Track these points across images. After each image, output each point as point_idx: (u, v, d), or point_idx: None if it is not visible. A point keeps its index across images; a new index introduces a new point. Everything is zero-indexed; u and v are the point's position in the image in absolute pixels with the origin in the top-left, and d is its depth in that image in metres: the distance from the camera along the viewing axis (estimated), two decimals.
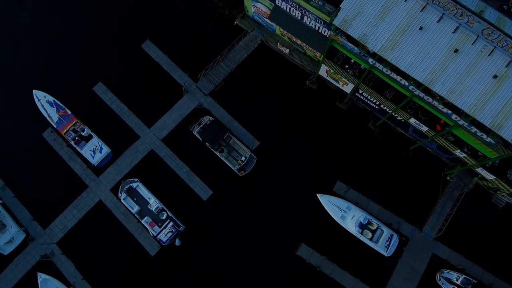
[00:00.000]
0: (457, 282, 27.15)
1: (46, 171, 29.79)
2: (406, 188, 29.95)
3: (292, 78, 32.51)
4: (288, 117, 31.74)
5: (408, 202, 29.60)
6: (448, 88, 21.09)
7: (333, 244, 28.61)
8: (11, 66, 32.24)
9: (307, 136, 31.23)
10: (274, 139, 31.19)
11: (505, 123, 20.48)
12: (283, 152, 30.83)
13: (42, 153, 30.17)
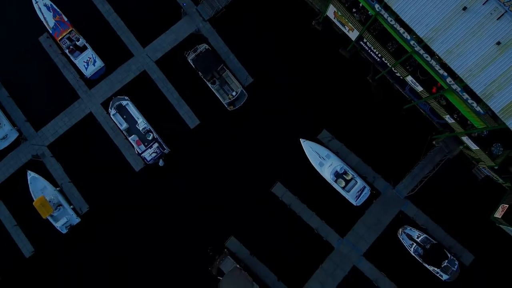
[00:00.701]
0: (417, 240, 28.69)
1: (40, 76, 30.44)
2: (391, 145, 30.21)
3: (299, 16, 31.02)
4: (288, 58, 30.98)
5: (388, 159, 30.06)
6: (447, 48, 20.17)
7: (307, 188, 29.84)
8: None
9: (302, 81, 30.67)
10: (269, 79, 30.82)
11: (496, 94, 19.90)
12: (275, 94, 30.70)
13: (37, 57, 30.51)
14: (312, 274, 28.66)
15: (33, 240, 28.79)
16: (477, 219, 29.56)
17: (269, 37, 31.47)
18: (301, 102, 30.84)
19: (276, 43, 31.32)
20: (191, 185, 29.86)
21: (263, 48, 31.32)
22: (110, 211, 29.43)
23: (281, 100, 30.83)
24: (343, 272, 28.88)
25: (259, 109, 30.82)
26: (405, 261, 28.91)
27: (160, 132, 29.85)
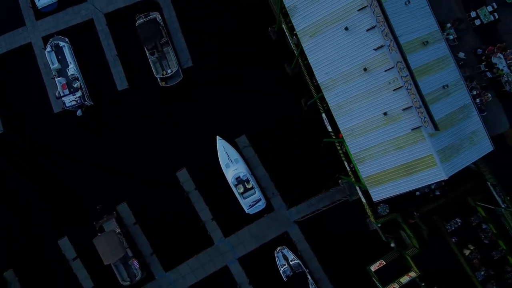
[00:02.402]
0: (290, 262, 29.95)
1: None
2: (300, 171, 30.68)
3: (260, 17, 30.24)
4: (233, 55, 30.70)
5: (293, 182, 30.64)
6: (338, 102, 20.30)
7: (209, 182, 30.73)
8: None
9: (240, 82, 30.65)
10: (208, 70, 30.72)
11: (367, 161, 20.35)
12: (209, 86, 30.86)
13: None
14: (187, 260, 30.36)
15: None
16: (354, 265, 30.65)
17: (225, 30, 31.13)
18: (232, 103, 31.14)
19: (229, 38, 31.07)
20: (102, 142, 31.10)
21: (215, 39, 31.13)
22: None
23: (213, 95, 31.14)
24: (214, 267, 30.53)
25: (191, 95, 31.18)
26: (272, 277, 30.41)
27: (88, 83, 30.41)
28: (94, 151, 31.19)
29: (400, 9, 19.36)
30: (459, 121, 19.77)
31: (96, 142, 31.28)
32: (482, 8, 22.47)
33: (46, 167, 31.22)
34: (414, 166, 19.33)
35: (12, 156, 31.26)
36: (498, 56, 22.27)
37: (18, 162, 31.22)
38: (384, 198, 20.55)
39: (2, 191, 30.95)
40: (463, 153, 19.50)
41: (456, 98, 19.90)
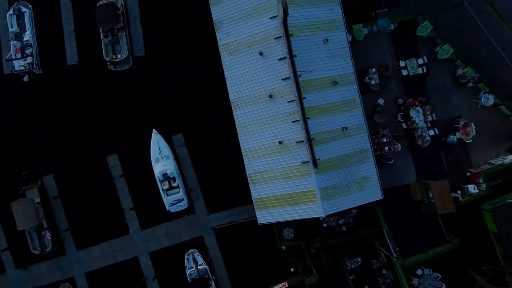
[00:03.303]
0: (198, 266, 30.70)
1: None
2: (228, 180, 30.89)
3: None
4: (189, 53, 31.34)
5: (218, 189, 31.24)
6: (243, 121, 21.07)
7: (137, 173, 31.34)
8: None
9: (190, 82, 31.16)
10: (160, 63, 31.38)
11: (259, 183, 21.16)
12: (157, 79, 31.44)
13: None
14: (100, 243, 31.15)
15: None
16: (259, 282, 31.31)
17: (185, 29, 31.79)
18: (177, 100, 31.59)
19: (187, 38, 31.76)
20: (42, 112, 31.79)
21: (173, 35, 31.80)
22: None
23: (160, 88, 31.67)
24: (124, 256, 31.24)
25: (138, 84, 31.90)
26: (178, 277, 31.16)
27: (41, 52, 31.27)
28: (33, 118, 32.18)
29: (317, 46, 20.12)
30: (352, 164, 20.47)
31: (37, 110, 32.23)
32: (412, 60, 22.99)
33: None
34: (297, 197, 20.08)
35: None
36: (417, 110, 22.87)
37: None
38: (269, 222, 21.38)
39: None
40: (348, 195, 20.20)
41: (354, 142, 20.62)
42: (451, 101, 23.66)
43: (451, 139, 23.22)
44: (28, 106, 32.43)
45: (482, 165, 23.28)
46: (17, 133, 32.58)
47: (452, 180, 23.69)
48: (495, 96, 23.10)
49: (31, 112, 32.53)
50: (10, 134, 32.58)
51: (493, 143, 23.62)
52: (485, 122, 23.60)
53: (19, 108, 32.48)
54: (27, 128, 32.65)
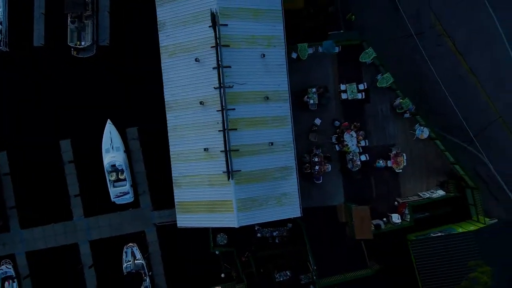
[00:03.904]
0: (135, 261, 31.08)
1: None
2: None
3: None
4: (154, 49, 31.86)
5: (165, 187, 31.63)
6: (174, 124, 21.58)
7: (89, 160, 31.79)
8: None
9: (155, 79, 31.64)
10: (125, 56, 31.84)
11: (183, 187, 21.50)
12: (121, 70, 31.84)
13: None
14: (43, 225, 31.59)
15: None
16: (195, 283, 31.61)
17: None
18: (138, 94, 31.99)
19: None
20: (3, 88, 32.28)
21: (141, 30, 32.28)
22: None
23: (121, 79, 32.08)
24: (65, 241, 31.52)
25: (100, 73, 32.29)
26: (113, 268, 31.51)
27: (10, 31, 31.72)
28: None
29: (254, 59, 20.42)
30: (275, 179, 20.75)
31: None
32: (352, 84, 23.33)
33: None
34: (216, 205, 20.38)
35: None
36: (351, 134, 23.27)
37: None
38: (188, 226, 21.80)
39: None
40: (265, 209, 20.47)
41: (279, 158, 20.88)
42: (388, 130, 24.03)
43: (380, 164, 23.64)
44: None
45: (411, 196, 23.73)
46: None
47: (380, 206, 24.24)
48: (430, 130, 23.66)
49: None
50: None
51: (426, 176, 24.02)
52: (419, 154, 23.98)
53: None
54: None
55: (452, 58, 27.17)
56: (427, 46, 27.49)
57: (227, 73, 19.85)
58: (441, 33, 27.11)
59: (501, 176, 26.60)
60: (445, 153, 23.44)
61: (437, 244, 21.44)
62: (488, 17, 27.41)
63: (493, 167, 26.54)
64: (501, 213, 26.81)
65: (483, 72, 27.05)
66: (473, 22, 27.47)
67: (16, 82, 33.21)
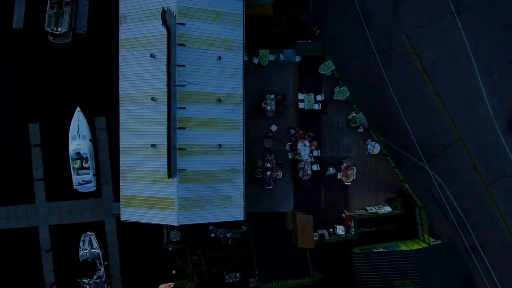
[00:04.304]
0: (91, 250, 30.92)
1: None
2: None
3: None
4: None
5: None
6: (126, 117, 21.53)
7: (54, 146, 31.65)
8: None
9: None
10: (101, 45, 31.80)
11: (129, 181, 21.49)
12: (95, 58, 31.74)
13: None
14: (7, 205, 31.46)
15: None
16: (151, 277, 31.48)
17: None
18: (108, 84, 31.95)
19: None
20: None
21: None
22: None
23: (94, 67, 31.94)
24: (26, 223, 31.40)
25: (74, 59, 32.30)
26: (71, 255, 31.45)
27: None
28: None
29: (209, 61, 20.28)
30: (220, 181, 20.68)
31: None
32: (310, 94, 23.31)
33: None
34: (158, 202, 20.28)
35: None
36: (304, 143, 23.33)
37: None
38: (131, 221, 21.72)
39: None
40: (207, 210, 20.37)
41: (227, 160, 20.77)
42: (342, 142, 24.02)
43: (330, 171, 23.71)
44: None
45: (358, 210, 23.73)
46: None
47: (328, 217, 24.22)
48: (383, 147, 23.62)
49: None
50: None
51: (375, 191, 24.02)
52: (371, 169, 24.00)
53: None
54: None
55: (418, 77, 27.32)
56: (395, 63, 27.55)
57: (180, 72, 19.81)
58: (409, 51, 27.21)
59: (455, 198, 26.70)
60: (396, 170, 23.43)
61: (378, 259, 21.41)
62: (461, 41, 27.51)
63: (448, 189, 26.67)
64: (452, 235, 26.91)
65: (448, 93, 27.09)
66: (443, 44, 27.54)
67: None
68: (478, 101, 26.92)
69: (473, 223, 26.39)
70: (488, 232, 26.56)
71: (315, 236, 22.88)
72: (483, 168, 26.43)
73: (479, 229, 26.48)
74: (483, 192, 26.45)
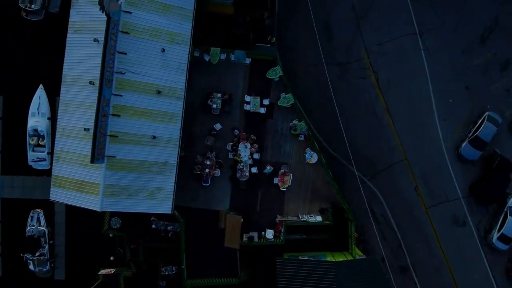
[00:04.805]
0: (38, 227, 30.40)
1: None
2: None
3: None
4: None
5: None
6: (65, 99, 21.24)
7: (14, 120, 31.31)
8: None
9: None
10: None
11: (61, 162, 21.20)
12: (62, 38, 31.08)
13: None
14: None
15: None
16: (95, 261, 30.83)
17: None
18: None
19: None
20: None
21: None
22: None
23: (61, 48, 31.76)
24: None
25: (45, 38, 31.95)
26: (19, 230, 31.06)
27: None
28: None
29: (153, 52, 19.94)
30: (150, 172, 20.33)
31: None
32: (256, 98, 22.91)
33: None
34: (85, 186, 19.86)
35: None
36: (245, 145, 22.97)
37: None
38: (58, 201, 21.45)
39: None
40: (133, 200, 20.03)
41: (161, 153, 20.42)
42: (284, 148, 23.63)
43: (267, 169, 23.42)
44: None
45: (291, 216, 23.38)
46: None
47: (262, 220, 23.83)
48: (321, 157, 23.31)
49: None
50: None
51: (309, 200, 23.66)
52: (308, 178, 23.67)
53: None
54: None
55: (372, 93, 26.98)
56: (351, 77, 27.18)
57: (121, 59, 19.44)
58: (367, 67, 26.88)
59: (393, 217, 26.37)
60: (332, 181, 23.07)
61: (299, 267, 21.00)
62: (420, 62, 27.17)
63: (388, 207, 26.33)
64: (388, 253, 26.63)
65: (399, 112, 26.77)
66: (402, 63, 27.19)
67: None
68: (429, 124, 26.66)
69: (409, 244, 26.13)
70: (423, 255, 26.31)
71: (245, 237, 22.54)
72: (425, 190, 26.17)
73: (414, 251, 26.24)
74: (423, 215, 26.18)
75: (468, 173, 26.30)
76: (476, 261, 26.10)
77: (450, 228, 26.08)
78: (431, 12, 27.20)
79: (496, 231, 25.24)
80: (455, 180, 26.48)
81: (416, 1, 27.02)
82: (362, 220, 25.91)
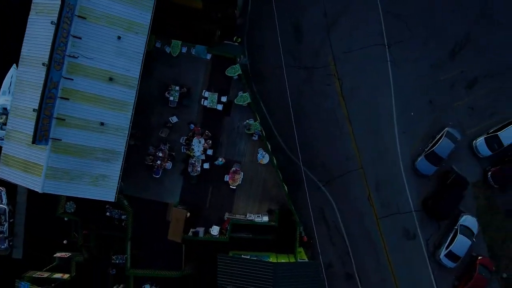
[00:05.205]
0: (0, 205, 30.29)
1: None
2: None
3: None
4: None
5: None
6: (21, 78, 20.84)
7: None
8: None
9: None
10: None
11: (11, 141, 20.67)
12: None
13: None
14: None
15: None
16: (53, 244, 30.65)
17: None
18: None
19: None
20: None
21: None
22: None
23: None
24: None
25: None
26: None
27: None
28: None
29: (108, 39, 19.72)
30: (96, 159, 20.02)
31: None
32: (214, 94, 22.65)
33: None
34: (29, 166, 19.58)
35: None
36: (199, 140, 22.71)
37: None
38: (4, 179, 21.06)
39: None
40: (76, 184, 19.73)
41: (108, 140, 20.20)
42: (238, 147, 23.32)
43: (219, 161, 23.16)
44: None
45: (239, 215, 23.05)
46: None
47: (211, 216, 23.52)
48: (272, 158, 22.98)
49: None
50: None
51: (259, 200, 23.28)
52: (259, 178, 23.33)
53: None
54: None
55: (335, 100, 26.65)
56: (316, 82, 26.77)
57: (74, 43, 19.14)
58: (332, 73, 26.55)
59: (343, 224, 26.03)
60: (282, 183, 22.77)
61: (239, 265, 20.75)
62: (385, 73, 26.78)
63: (339, 213, 25.99)
64: (336, 259, 26.27)
65: (360, 121, 26.41)
66: (367, 73, 26.80)
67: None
68: (388, 135, 26.28)
69: (356, 251, 25.78)
70: (370, 265, 25.93)
71: (191, 232, 22.20)
72: (378, 201, 25.83)
73: (361, 259, 25.86)
74: (373, 224, 25.83)
75: (423, 187, 25.98)
76: (422, 276, 25.69)
77: (400, 241, 25.73)
78: (402, 24, 26.83)
79: (445, 248, 24.85)
80: (408, 193, 26.13)
81: (388, 12, 26.70)
82: (312, 224, 25.61)
